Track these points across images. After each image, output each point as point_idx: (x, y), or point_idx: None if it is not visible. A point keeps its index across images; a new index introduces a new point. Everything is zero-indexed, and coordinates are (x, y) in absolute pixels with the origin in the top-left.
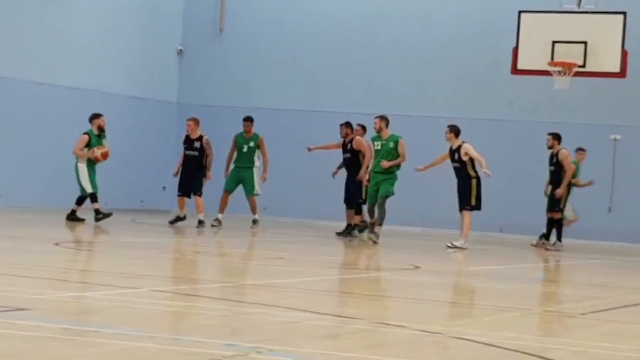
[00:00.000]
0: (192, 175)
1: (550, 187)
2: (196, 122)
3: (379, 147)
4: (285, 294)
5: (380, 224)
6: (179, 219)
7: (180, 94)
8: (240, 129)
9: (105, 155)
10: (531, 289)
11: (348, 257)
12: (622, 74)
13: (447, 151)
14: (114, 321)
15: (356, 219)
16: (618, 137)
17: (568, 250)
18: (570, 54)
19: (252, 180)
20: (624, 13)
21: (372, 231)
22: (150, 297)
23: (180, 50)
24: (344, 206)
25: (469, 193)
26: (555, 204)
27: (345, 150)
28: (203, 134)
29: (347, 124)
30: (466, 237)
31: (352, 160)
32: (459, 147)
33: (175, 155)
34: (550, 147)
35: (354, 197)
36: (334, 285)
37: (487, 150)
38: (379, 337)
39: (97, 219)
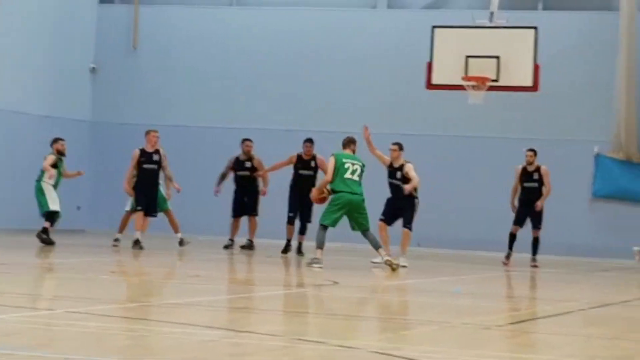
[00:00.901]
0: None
1: (517, 203)
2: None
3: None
4: (203, 312)
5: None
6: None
7: (94, 112)
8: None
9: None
10: (448, 302)
11: (266, 274)
12: (534, 88)
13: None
14: (29, 343)
15: (301, 238)
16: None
17: (487, 263)
18: (484, 69)
19: (160, 195)
20: (535, 28)
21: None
22: (66, 319)
23: (93, 68)
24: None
25: (411, 212)
26: (540, 221)
27: (308, 168)
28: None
29: (311, 141)
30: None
31: (312, 178)
32: (402, 166)
33: (92, 175)
34: (530, 163)
35: (308, 217)
36: (253, 302)
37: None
38: (298, 353)
39: (42, 239)
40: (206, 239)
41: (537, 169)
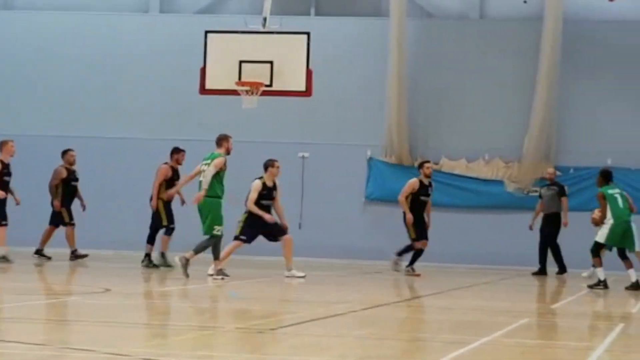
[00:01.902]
0: None
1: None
2: None
3: None
4: None
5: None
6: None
7: None
8: None
9: None
10: (223, 307)
11: (39, 283)
12: (307, 92)
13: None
14: None
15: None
16: (306, 154)
17: (262, 268)
18: (258, 74)
19: None
20: (308, 33)
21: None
22: None
23: None
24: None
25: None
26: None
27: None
28: None
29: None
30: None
31: None
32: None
33: None
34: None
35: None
36: (21, 312)
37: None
38: None
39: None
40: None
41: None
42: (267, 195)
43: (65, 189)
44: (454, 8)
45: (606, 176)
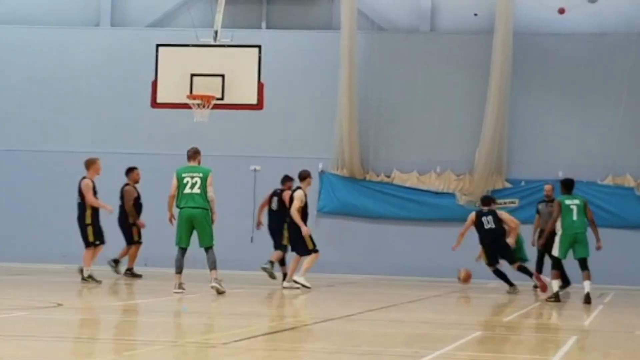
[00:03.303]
0: None
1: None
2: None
3: None
4: None
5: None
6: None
7: None
8: None
9: None
10: (174, 322)
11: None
12: (259, 105)
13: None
14: None
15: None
16: (258, 167)
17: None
18: (209, 87)
19: None
20: (259, 46)
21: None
22: None
23: None
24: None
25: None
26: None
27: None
28: None
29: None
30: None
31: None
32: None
33: None
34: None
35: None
36: None
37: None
38: None
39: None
40: None
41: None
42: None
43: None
44: (404, 21)
45: (567, 185)
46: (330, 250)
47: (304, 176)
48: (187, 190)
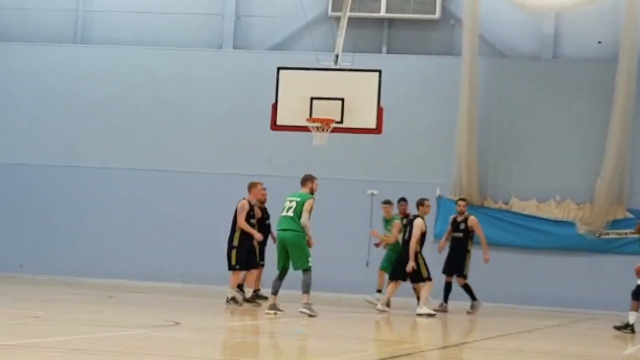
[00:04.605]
0: None
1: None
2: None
3: None
4: (43, 354)
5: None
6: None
7: None
8: None
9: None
10: (290, 344)
11: (108, 315)
12: (378, 130)
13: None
14: None
15: None
16: (375, 191)
17: (326, 304)
18: (328, 111)
19: None
20: (379, 71)
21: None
22: None
23: None
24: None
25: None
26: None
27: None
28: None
29: (404, 200)
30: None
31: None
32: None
33: None
34: (461, 213)
35: None
36: (94, 344)
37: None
38: None
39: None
40: (48, 279)
41: (466, 219)
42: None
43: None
44: (526, 48)
45: None
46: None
47: (418, 203)
48: (283, 213)
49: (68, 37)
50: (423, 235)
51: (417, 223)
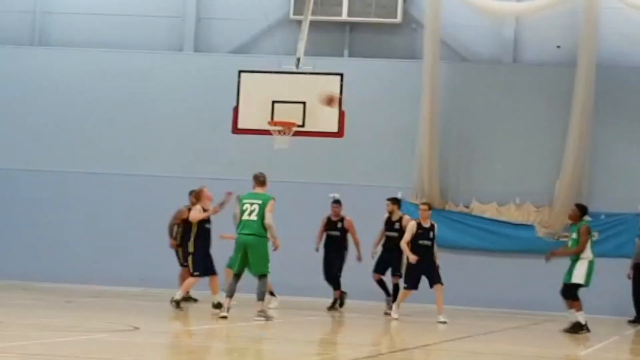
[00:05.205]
0: None
1: (380, 250)
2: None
3: None
4: None
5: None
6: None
7: None
8: None
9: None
10: (253, 348)
11: (66, 320)
12: (339, 133)
13: None
14: None
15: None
16: (337, 195)
17: (283, 307)
18: (290, 114)
19: None
20: (341, 75)
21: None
22: None
23: None
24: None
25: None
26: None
27: (335, 229)
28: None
29: (338, 202)
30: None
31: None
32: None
33: None
34: (390, 212)
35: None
36: (52, 349)
37: None
38: None
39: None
40: (6, 284)
41: (400, 219)
42: (423, 235)
43: None
44: (487, 52)
45: (584, 210)
46: None
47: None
48: (245, 216)
49: (25, 39)
50: (418, 236)
51: (410, 226)
